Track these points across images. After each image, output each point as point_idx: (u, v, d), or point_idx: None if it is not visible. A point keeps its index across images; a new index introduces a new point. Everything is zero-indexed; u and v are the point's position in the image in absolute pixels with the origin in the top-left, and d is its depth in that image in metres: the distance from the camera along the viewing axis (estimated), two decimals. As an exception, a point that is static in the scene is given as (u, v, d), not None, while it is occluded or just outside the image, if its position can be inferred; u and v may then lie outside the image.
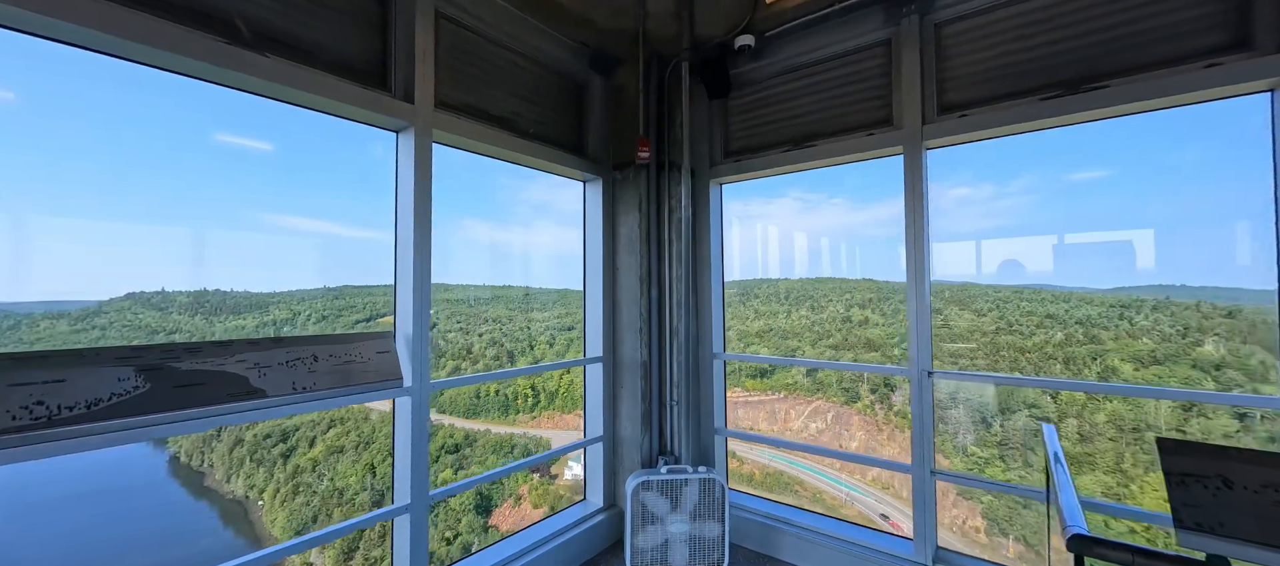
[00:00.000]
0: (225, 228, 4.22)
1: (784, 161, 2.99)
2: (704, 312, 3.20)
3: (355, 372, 2.04)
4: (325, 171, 5.33)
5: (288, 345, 1.91)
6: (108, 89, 3.45)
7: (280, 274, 4.60)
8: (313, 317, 4.83)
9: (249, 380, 1.77)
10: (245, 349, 1.81)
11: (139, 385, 1.55)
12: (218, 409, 1.68)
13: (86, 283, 3.18)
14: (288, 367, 1.87)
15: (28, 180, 2.93)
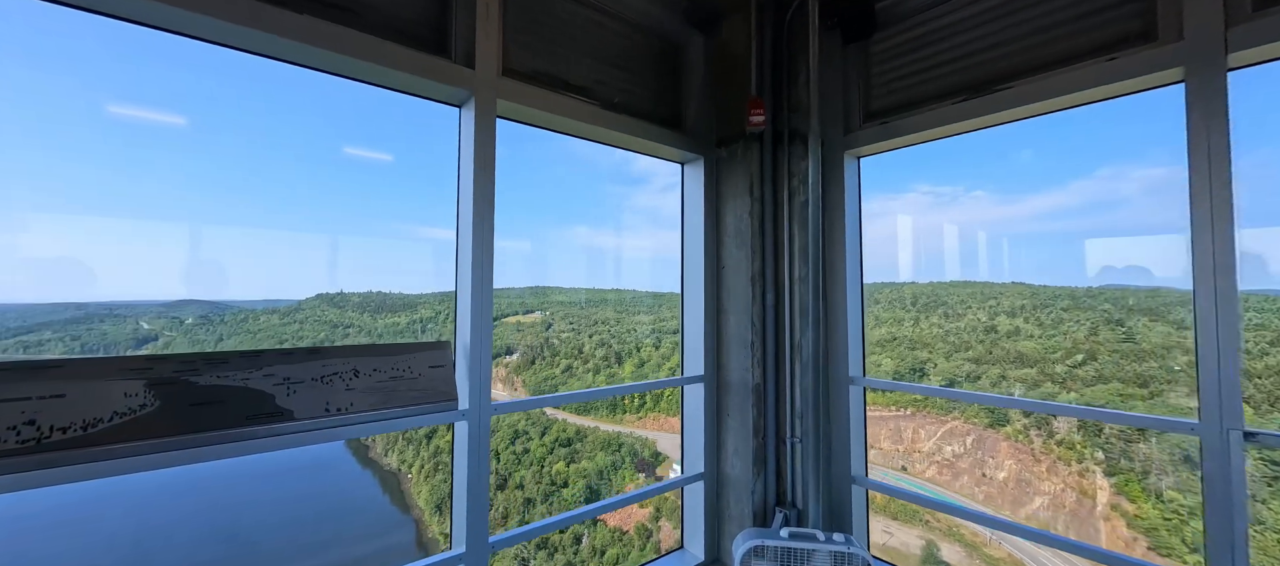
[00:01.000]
0: (382, 237, 4.81)
1: (954, 118, 2.13)
2: (837, 324, 2.44)
3: (401, 391, 1.69)
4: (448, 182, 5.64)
5: (325, 357, 1.61)
6: (262, 114, 4.11)
7: (425, 278, 5.17)
8: (449, 317, 5.22)
9: (274, 398, 1.48)
10: (276, 360, 1.52)
11: (147, 402, 1.31)
12: (232, 434, 1.39)
13: (290, 284, 3.92)
14: (322, 385, 1.56)
15: (229, 196, 3.76)
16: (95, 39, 3.38)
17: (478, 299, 1.85)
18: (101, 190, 3.39)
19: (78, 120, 3.47)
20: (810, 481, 2.31)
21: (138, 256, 3.10)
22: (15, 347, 2.79)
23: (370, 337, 4.50)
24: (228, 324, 3.88)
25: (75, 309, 3.08)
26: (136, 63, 3.63)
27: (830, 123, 2.47)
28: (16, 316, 2.92)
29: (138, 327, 3.28)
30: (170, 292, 3.32)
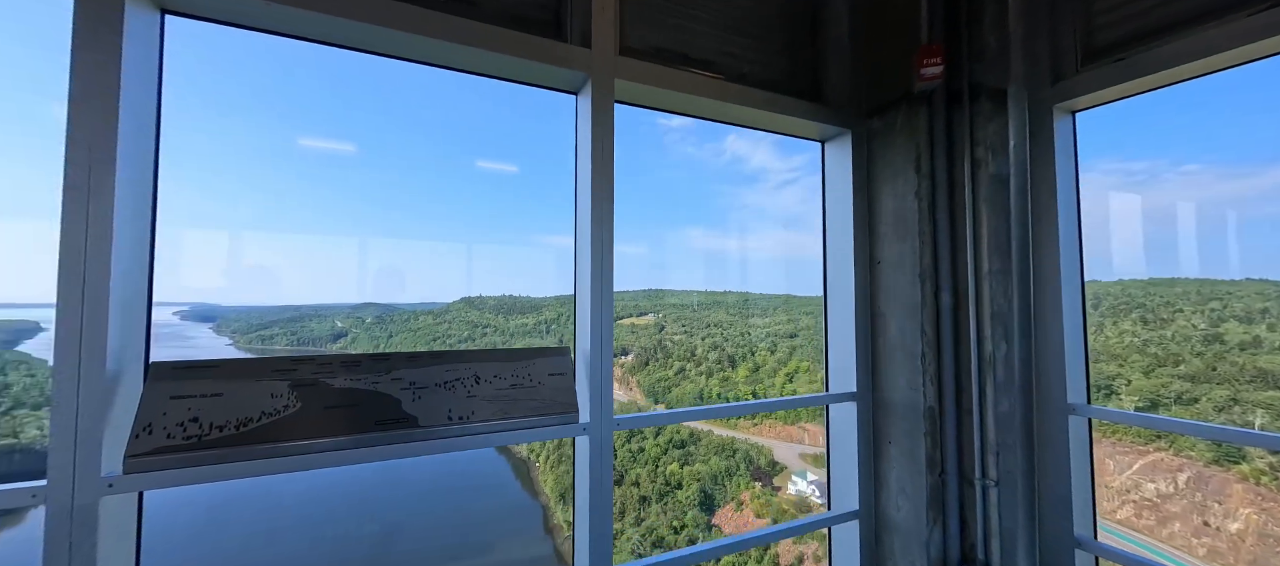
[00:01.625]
0: (511, 244, 5.25)
1: (1255, 33, 1.45)
2: (1047, 333, 1.84)
3: (521, 399, 1.57)
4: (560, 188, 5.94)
5: (447, 361, 1.54)
6: (411, 140, 4.68)
7: (547, 282, 5.62)
8: (568, 318, 5.62)
9: (402, 403, 1.43)
10: (403, 365, 1.48)
11: (290, 403, 1.32)
12: (362, 439, 1.36)
13: (440, 289, 4.44)
14: (444, 390, 1.49)
15: (390, 212, 4.44)
16: (283, 85, 3.98)
17: (597, 302, 1.67)
18: (299, 210, 4.13)
19: (278, 154, 4.15)
20: (1016, 538, 1.75)
21: (330, 266, 3.71)
22: (256, 339, 3.49)
23: (503, 337, 4.76)
24: (396, 322, 4.37)
25: (293, 310, 3.79)
26: (315, 100, 4.23)
27: (1033, 67, 1.88)
28: (258, 316, 3.69)
29: (333, 325, 3.90)
30: (355, 297, 3.96)
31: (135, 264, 1.24)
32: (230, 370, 1.30)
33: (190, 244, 2.93)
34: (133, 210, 1.22)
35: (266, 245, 3.58)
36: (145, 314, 1.28)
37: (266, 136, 4.12)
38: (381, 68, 1.59)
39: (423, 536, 3.24)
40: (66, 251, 1.11)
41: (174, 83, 1.36)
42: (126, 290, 1.21)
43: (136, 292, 1.25)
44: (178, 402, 1.22)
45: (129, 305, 1.22)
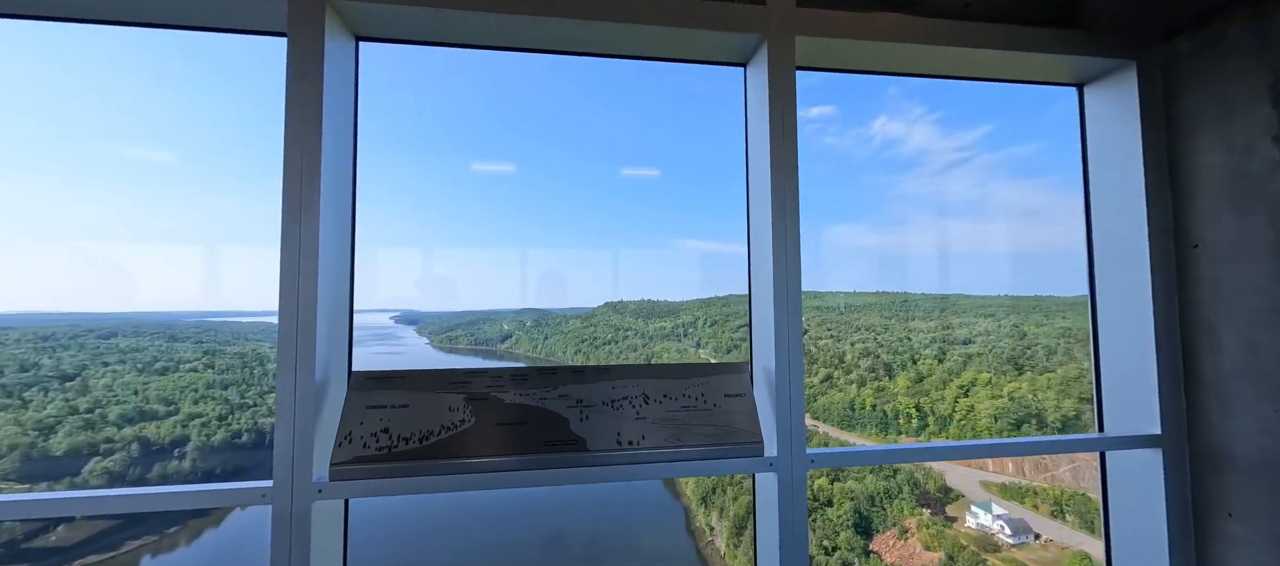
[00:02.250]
0: (651, 249, 5.32)
1: None
2: None
3: (695, 425, 1.34)
4: (700, 192, 5.81)
5: (615, 377, 1.38)
6: (561, 157, 4.99)
7: (686, 285, 5.64)
8: (707, 321, 5.46)
9: (570, 423, 1.30)
10: (568, 380, 1.36)
11: (465, 417, 1.27)
12: (531, 461, 1.25)
13: (587, 294, 4.76)
14: (612, 410, 1.33)
15: (544, 225, 4.79)
16: (458, 118, 4.45)
17: (783, 309, 1.37)
18: (474, 227, 4.72)
19: (453, 179, 4.70)
20: None
21: (498, 276, 4.17)
22: (445, 340, 4.08)
23: (642, 339, 4.77)
24: (551, 326, 4.68)
25: (471, 315, 4.36)
26: (482, 129, 4.68)
27: None
28: (445, 320, 4.31)
29: (501, 328, 4.34)
30: (518, 303, 4.39)
31: (338, 279, 1.30)
32: (415, 381, 1.30)
33: (398, 260, 3.43)
34: (334, 229, 1.28)
35: (450, 260, 4.10)
36: (347, 325, 1.35)
37: (449, 165, 4.69)
38: (538, 94, 1.52)
39: (560, 517, 3.24)
40: (284, 268, 1.19)
41: (368, 116, 1.43)
42: (331, 303, 1.27)
43: (339, 305, 1.31)
44: (373, 413, 1.25)
45: (333, 317, 1.28)
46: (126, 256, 3.97)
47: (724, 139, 1.68)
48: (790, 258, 1.38)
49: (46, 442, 3.53)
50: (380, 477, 1.19)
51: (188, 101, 3.51)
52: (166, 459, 3.78)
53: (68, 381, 3.86)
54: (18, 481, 3.44)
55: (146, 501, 1.11)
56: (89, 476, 3.49)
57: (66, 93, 3.77)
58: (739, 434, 1.34)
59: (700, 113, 5.24)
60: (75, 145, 3.86)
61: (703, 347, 4.57)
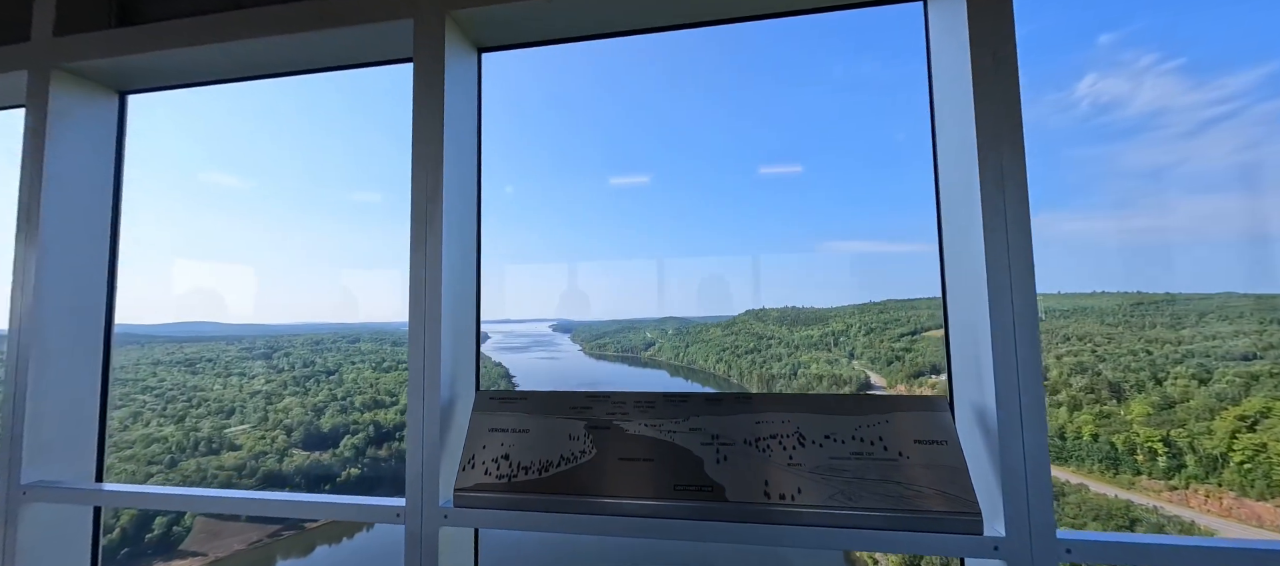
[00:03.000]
0: (794, 253, 4.99)
1: None
2: None
3: (869, 478, 0.98)
4: (854, 188, 5.19)
5: (759, 408, 1.09)
6: (693, 164, 4.83)
7: (832, 292, 5.10)
8: (862, 330, 4.86)
9: (704, 465, 1.06)
10: (702, 410, 1.12)
11: (586, 448, 1.12)
12: (664, 508, 1.03)
13: (727, 303, 4.54)
14: (757, 451, 1.04)
15: (680, 233, 4.73)
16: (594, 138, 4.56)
17: (1002, 321, 0.93)
18: (613, 239, 4.83)
19: (591, 193, 4.86)
20: None
21: (640, 285, 4.22)
22: (595, 347, 4.27)
23: (787, 348, 4.30)
24: (691, 334, 4.53)
25: (617, 323, 4.49)
26: (618, 144, 4.75)
27: None
28: (595, 328, 4.51)
29: (644, 336, 4.36)
30: (659, 312, 4.37)
31: (464, 296, 1.27)
32: (535, 403, 1.19)
33: (552, 273, 3.65)
34: (459, 247, 1.25)
35: (598, 271, 4.26)
36: (474, 343, 1.31)
37: (588, 181, 4.87)
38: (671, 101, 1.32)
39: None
40: (412, 288, 1.18)
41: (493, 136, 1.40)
42: (457, 319, 1.23)
43: (466, 322, 1.28)
44: (495, 436, 1.17)
45: (459, 335, 1.24)
46: (360, 279, 4.93)
47: (877, 123, 1.28)
48: (1016, 248, 0.94)
49: (318, 421, 4.59)
50: (500, 508, 1.09)
51: (387, 148, 4.25)
52: (390, 440, 4.64)
53: (330, 375, 5.00)
54: (302, 448, 4.50)
55: (299, 508, 1.18)
56: (345, 447, 4.43)
57: (315, 147, 4.87)
58: (940, 499, 0.94)
59: (847, 99, 4.59)
60: (322, 192, 4.98)
61: (857, 358, 3.98)
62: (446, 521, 1.12)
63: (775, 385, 3.76)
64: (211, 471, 4.35)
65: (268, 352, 5.15)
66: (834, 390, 3.46)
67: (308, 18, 1.26)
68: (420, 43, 1.22)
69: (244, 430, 4.27)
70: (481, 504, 1.10)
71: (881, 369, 3.84)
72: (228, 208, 5.11)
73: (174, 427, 4.44)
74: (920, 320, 4.50)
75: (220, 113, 2.21)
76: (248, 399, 4.75)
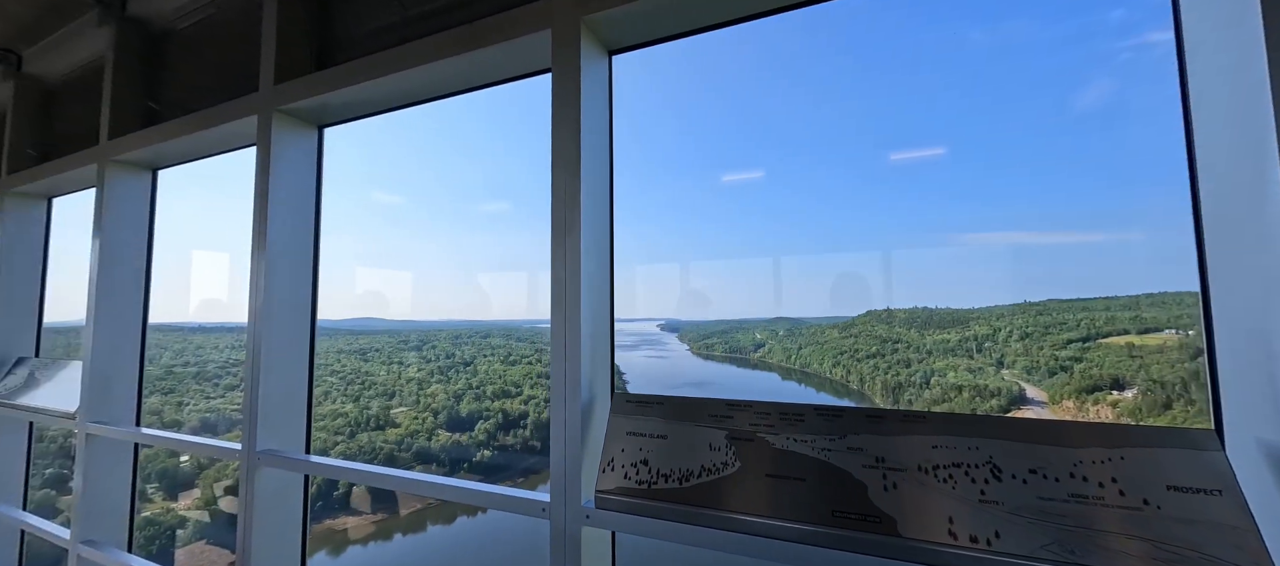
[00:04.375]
0: (916, 248, 4.41)
1: None
2: None
3: (1107, 531, 0.76)
4: (1008, 172, 4.42)
5: (937, 428, 0.92)
6: (813, 161, 4.51)
7: (974, 290, 4.44)
8: (1014, 334, 4.21)
9: (868, 491, 0.92)
10: (863, 427, 0.97)
11: (729, 460, 1.04)
12: (820, 535, 0.91)
13: (845, 303, 4.23)
14: (936, 480, 0.88)
15: (795, 230, 4.49)
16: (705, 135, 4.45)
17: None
18: (726, 237, 4.67)
19: (703, 191, 4.75)
20: None
21: (749, 284, 4.02)
22: (702, 347, 4.22)
23: (917, 353, 3.76)
24: (805, 335, 4.26)
25: (725, 323, 4.37)
26: (729, 142, 4.57)
27: None
28: (702, 329, 4.45)
29: (753, 337, 4.19)
30: (769, 312, 4.12)
31: (600, 297, 1.26)
32: (673, 409, 1.14)
33: (662, 273, 3.65)
34: (595, 249, 1.25)
35: (706, 270, 4.16)
36: (609, 343, 1.30)
37: (700, 176, 4.77)
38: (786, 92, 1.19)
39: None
40: (554, 291, 1.19)
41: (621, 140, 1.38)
42: (594, 321, 1.23)
43: (602, 323, 1.27)
44: (633, 440, 1.14)
45: (597, 335, 1.24)
46: (490, 280, 5.40)
47: (1040, 91, 0.98)
48: None
49: (458, 406, 5.18)
50: (641, 514, 1.06)
51: (514, 159, 4.57)
52: (516, 427, 5.08)
53: (467, 366, 5.61)
54: (446, 429, 5.12)
55: (457, 492, 1.26)
56: (479, 431, 4.96)
57: (453, 165, 5.42)
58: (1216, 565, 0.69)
59: (996, 67, 3.90)
60: (460, 204, 5.57)
61: (1009, 367, 3.32)
62: (588, 522, 1.11)
63: (903, 394, 3.32)
64: (378, 443, 5.08)
65: (418, 345, 5.89)
66: (977, 404, 2.94)
67: (461, 41, 1.35)
68: (558, 51, 1.24)
69: (403, 411, 4.91)
70: (623, 507, 1.08)
71: (1041, 381, 3.18)
72: (390, 221, 5.93)
73: (352, 405, 5.26)
74: (1095, 324, 3.67)
75: (384, 139, 2.55)
76: (404, 384, 5.46)
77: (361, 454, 4.53)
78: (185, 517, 4.55)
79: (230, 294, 4.92)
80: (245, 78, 1.84)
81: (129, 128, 2.07)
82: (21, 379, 2.44)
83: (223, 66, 1.95)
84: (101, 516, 2.04)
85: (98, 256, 2.08)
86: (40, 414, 2.21)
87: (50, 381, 2.32)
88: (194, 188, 2.62)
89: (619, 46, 1.35)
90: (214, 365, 5.01)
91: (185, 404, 5.09)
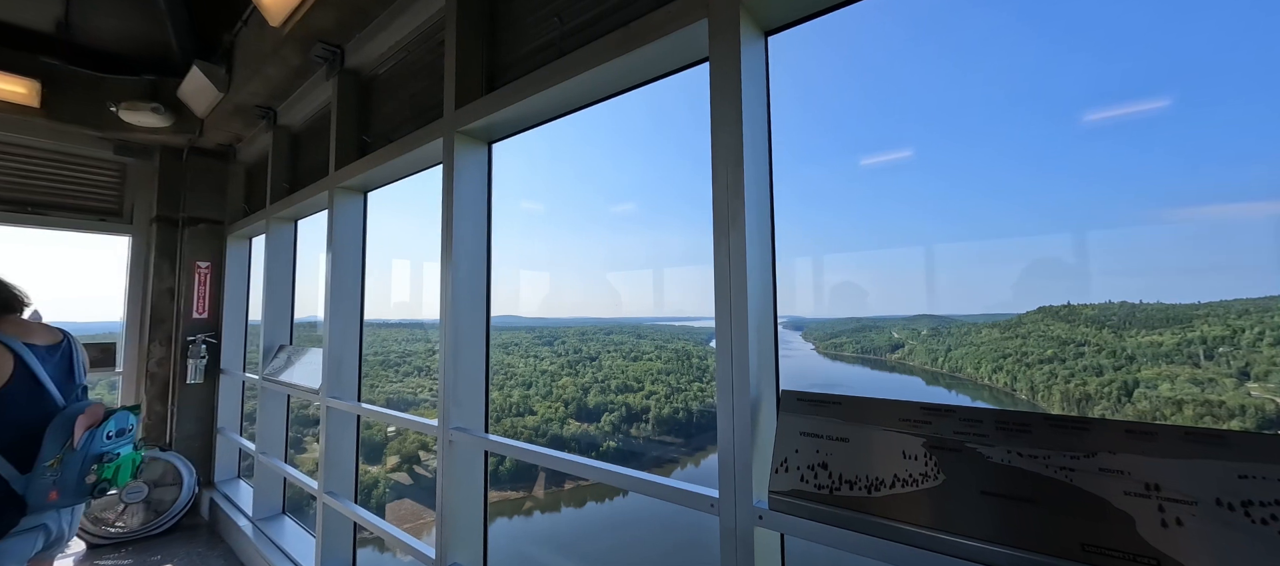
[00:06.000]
0: (1111, 228, 3.53)
1: None
2: None
3: None
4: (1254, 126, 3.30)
5: (1246, 452, 0.70)
6: (975, 125, 3.90)
7: (1202, 279, 3.40)
8: (1267, 337, 3.20)
9: (1136, 525, 0.73)
10: (1122, 444, 0.78)
11: (929, 471, 0.91)
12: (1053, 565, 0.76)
13: (1009, 298, 3.66)
14: (1245, 518, 0.67)
15: (947, 217, 3.95)
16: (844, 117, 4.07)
17: None
18: (863, 227, 4.23)
19: (839, 179, 4.36)
20: None
21: (888, 278, 3.58)
22: (830, 346, 3.91)
23: (1112, 359, 2.99)
24: (953, 336, 3.72)
25: (856, 321, 4.01)
26: (871, 121, 4.13)
27: None
28: (830, 326, 4.14)
29: (890, 337, 3.76)
30: (909, 308, 3.62)
31: (763, 290, 1.21)
32: (854, 410, 1.05)
33: (789, 269, 3.48)
34: (758, 237, 1.20)
35: (836, 264, 3.80)
36: (773, 339, 1.24)
37: (835, 162, 4.38)
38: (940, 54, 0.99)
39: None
40: (718, 285, 1.17)
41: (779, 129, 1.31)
42: (759, 316, 1.18)
43: (765, 318, 1.22)
44: (808, 441, 1.07)
45: (762, 330, 1.19)
46: (618, 278, 5.64)
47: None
48: None
49: (585, 398, 5.52)
50: (823, 521, 0.99)
51: (639, 162, 4.72)
52: (639, 421, 5.26)
53: (593, 360, 5.97)
54: (575, 419, 5.50)
55: (626, 480, 1.30)
56: (604, 423, 5.24)
57: (586, 170, 5.80)
58: None
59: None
60: (600, 208, 5.94)
61: (1260, 380, 2.45)
62: (761, 522, 1.07)
63: (1094, 408, 2.65)
64: (518, 429, 5.61)
65: (550, 340, 6.36)
66: (1206, 423, 2.27)
67: (617, 45, 1.39)
68: (715, 39, 1.21)
69: (538, 399, 5.36)
70: (800, 511, 1.01)
71: None
72: (531, 226, 6.51)
73: (497, 393, 5.86)
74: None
75: (528, 152, 2.82)
76: (539, 376, 5.95)
77: (506, 436, 5.08)
78: (379, 479, 5.47)
79: (411, 294, 5.86)
80: (432, 107, 2.14)
81: (349, 159, 2.54)
82: (282, 362, 3.15)
83: (415, 98, 2.29)
84: (337, 473, 2.53)
85: (330, 264, 2.59)
86: (295, 389, 2.82)
87: (300, 363, 2.96)
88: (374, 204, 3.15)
89: (775, 26, 1.28)
90: (395, 354, 5.96)
91: (376, 386, 6.09)
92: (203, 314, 3.87)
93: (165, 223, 3.81)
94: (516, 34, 1.86)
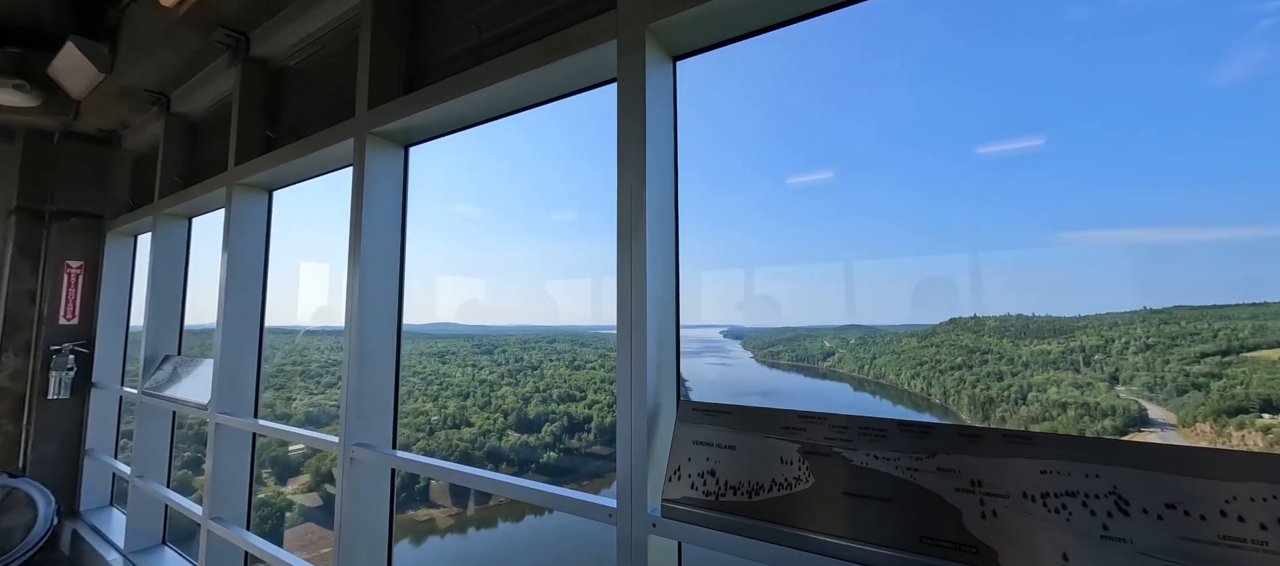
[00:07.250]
0: (1011, 249, 3.98)
1: None
2: None
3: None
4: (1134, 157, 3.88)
5: (1048, 451, 0.82)
6: (895, 152, 4.19)
7: (1078, 296, 3.90)
8: (1131, 346, 3.69)
9: (963, 517, 0.83)
10: (956, 447, 0.88)
11: (802, 475, 0.98)
12: (907, 561, 0.84)
13: (923, 309, 3.96)
14: (1046, 511, 0.77)
15: (867, 233, 4.24)
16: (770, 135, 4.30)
17: None
18: (792, 244, 4.46)
19: (768, 195, 4.58)
20: None
21: (815, 293, 3.82)
22: (767, 355, 4.08)
23: (1010, 366, 3.36)
24: (878, 344, 4.00)
25: (791, 331, 4.19)
26: (797, 140, 4.37)
27: None
28: (767, 336, 4.29)
29: (822, 345, 3.98)
30: (840, 319, 3.88)
31: (665, 302, 1.25)
32: (740, 419, 1.10)
33: (724, 279, 3.60)
34: (660, 255, 1.24)
35: (770, 276, 4.00)
36: (675, 351, 1.28)
37: (763, 181, 4.62)
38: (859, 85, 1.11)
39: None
40: (620, 297, 1.20)
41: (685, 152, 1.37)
42: (660, 328, 1.22)
43: (667, 330, 1.26)
44: (699, 449, 1.11)
45: (662, 342, 1.23)
46: (557, 287, 5.59)
47: (1161, 70, 0.78)
48: None
49: (526, 408, 5.38)
50: (709, 526, 1.03)
51: (578, 171, 4.73)
52: (581, 431, 5.19)
53: (534, 370, 5.84)
54: (515, 430, 5.34)
55: (529, 493, 1.29)
56: (546, 432, 5.13)
57: (524, 178, 5.70)
58: None
59: (1103, 46, 3.41)
60: (529, 214, 5.86)
61: (1126, 383, 2.87)
62: (655, 530, 1.10)
63: (995, 410, 2.97)
64: (454, 441, 5.38)
65: (490, 349, 6.17)
66: (1086, 424, 2.59)
67: (531, 59, 1.41)
68: (623, 61, 1.25)
69: (476, 409, 5.17)
70: (690, 518, 1.05)
71: (1166, 400, 2.73)
72: (467, 232, 6.32)
73: (432, 404, 5.60)
74: (1239, 335, 3.10)
75: (464, 156, 2.75)
76: (477, 386, 5.75)
77: (440, 450, 4.81)
78: (293, 501, 5.03)
79: (335, 299, 5.51)
80: (344, 105, 2.04)
81: (251, 154, 2.36)
82: (167, 374, 2.84)
83: (328, 96, 2.18)
84: (227, 496, 2.31)
85: (226, 267, 2.38)
86: (181, 404, 2.55)
87: (189, 376, 2.68)
88: (296, 203, 2.95)
89: (683, 52, 1.35)
90: (316, 364, 5.54)
91: (293, 399, 5.64)
92: (72, 319, 3.41)
93: (28, 215, 3.34)
94: (437, 38, 1.83)
